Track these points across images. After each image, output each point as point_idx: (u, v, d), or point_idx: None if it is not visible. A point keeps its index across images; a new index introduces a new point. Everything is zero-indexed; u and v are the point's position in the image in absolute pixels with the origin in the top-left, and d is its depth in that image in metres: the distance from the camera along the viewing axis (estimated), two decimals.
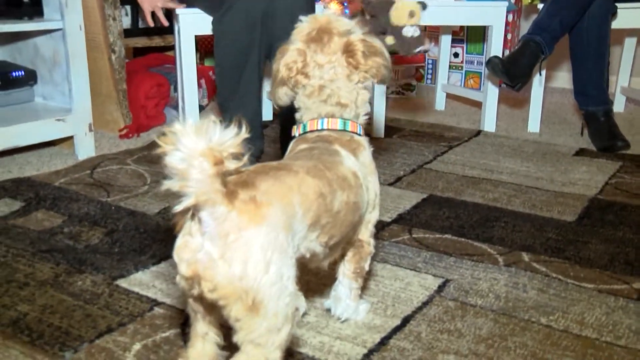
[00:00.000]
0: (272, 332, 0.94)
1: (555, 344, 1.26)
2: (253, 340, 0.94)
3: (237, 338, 0.95)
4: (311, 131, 1.23)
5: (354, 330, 1.29)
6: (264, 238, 0.91)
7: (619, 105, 3.26)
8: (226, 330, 1.02)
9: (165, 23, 2.50)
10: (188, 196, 0.85)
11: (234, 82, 2.15)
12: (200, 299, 0.96)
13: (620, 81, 3.25)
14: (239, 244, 0.90)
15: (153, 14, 2.46)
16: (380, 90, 2.73)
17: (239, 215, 0.90)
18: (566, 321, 1.33)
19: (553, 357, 1.22)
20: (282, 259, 0.93)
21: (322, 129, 1.22)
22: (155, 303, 1.39)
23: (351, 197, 1.13)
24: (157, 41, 3.09)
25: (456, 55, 3.71)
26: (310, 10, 2.27)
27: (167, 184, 0.85)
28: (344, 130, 1.23)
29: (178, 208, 0.86)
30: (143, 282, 1.48)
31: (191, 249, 0.92)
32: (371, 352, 1.21)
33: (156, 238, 1.71)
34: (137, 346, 1.23)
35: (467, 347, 1.24)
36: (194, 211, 0.90)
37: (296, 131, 1.26)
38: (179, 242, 0.94)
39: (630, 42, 3.17)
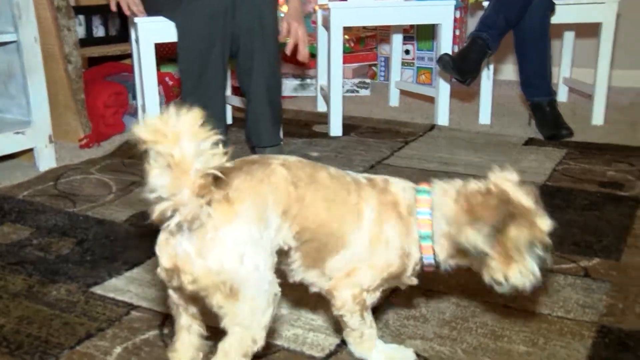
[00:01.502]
0: (255, 314, 1.03)
1: (513, 322, 1.35)
2: (239, 323, 1.03)
3: (224, 323, 1.04)
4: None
5: (326, 321, 1.36)
6: (236, 233, 1.00)
7: (562, 95, 3.42)
8: (209, 319, 1.07)
9: (113, 7, 2.48)
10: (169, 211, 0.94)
11: (198, 77, 2.19)
12: (181, 290, 1.05)
13: (562, 72, 3.41)
14: (214, 241, 0.98)
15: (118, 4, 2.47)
16: (336, 89, 2.81)
17: (210, 215, 0.97)
18: (522, 300, 1.43)
19: (511, 334, 1.31)
20: (256, 250, 1.02)
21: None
22: (132, 307, 1.43)
23: (334, 207, 1.12)
24: (112, 50, 3.10)
25: (407, 52, 3.82)
26: (274, 3, 2.33)
27: (157, 209, 0.94)
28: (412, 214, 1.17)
29: (154, 215, 0.94)
30: (118, 287, 1.52)
31: (171, 244, 1.00)
32: (343, 341, 1.28)
33: (127, 245, 1.75)
34: (117, 349, 1.27)
35: (432, 331, 1.33)
36: (176, 208, 0.95)
37: None
38: (161, 237, 1.02)
39: (569, 36, 3.33)
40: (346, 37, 3.63)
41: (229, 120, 3.00)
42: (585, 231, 1.80)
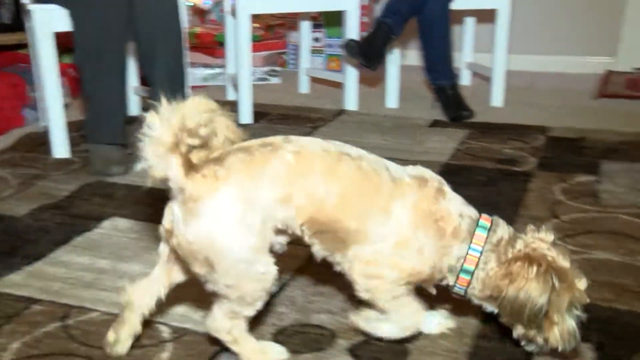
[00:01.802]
0: (232, 289, 1.09)
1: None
2: (219, 292, 1.10)
3: (207, 287, 1.11)
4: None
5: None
6: (215, 208, 1.05)
7: (465, 79, 3.56)
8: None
9: None
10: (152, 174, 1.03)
11: (94, 66, 2.12)
12: (175, 251, 1.13)
13: (464, 57, 3.54)
14: (192, 212, 1.05)
15: None
16: (245, 77, 2.80)
17: (194, 188, 1.04)
18: None
19: None
20: (236, 228, 1.06)
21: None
22: (32, 301, 1.39)
23: (352, 203, 1.11)
24: (6, 39, 2.95)
25: (317, 39, 3.85)
26: None
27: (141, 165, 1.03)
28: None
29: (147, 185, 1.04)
30: (16, 283, 1.47)
31: (171, 207, 1.09)
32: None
33: (27, 239, 1.69)
34: (15, 345, 1.23)
35: (339, 306, 1.36)
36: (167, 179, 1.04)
37: None
38: (169, 203, 1.10)
39: (470, 22, 3.47)
40: (255, 25, 3.62)
41: (137, 111, 2.93)
42: (485, 205, 1.86)
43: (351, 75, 3.00)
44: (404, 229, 1.12)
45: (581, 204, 1.90)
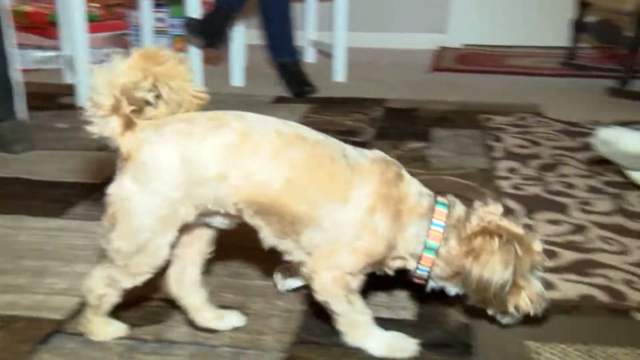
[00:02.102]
0: (121, 254, 1.08)
1: (255, 262, 1.45)
2: (108, 253, 1.09)
3: (101, 246, 1.10)
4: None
5: (69, 283, 1.34)
6: (131, 171, 1.05)
7: (309, 56, 3.66)
8: None
9: None
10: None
11: None
12: None
13: (307, 35, 3.63)
14: (122, 169, 1.06)
15: None
16: (82, 59, 2.68)
17: (124, 146, 1.05)
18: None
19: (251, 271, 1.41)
20: (151, 194, 1.04)
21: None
22: None
23: (301, 188, 1.06)
24: None
25: (161, 20, 3.76)
26: None
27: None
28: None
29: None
30: None
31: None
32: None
33: None
34: None
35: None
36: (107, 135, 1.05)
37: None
38: None
39: (311, 0, 3.56)
40: (93, 4, 3.46)
41: None
42: None
43: (195, 55, 2.97)
44: (362, 214, 1.07)
45: (412, 168, 2.02)
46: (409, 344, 1.14)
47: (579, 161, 2.10)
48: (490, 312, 1.17)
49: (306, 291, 1.32)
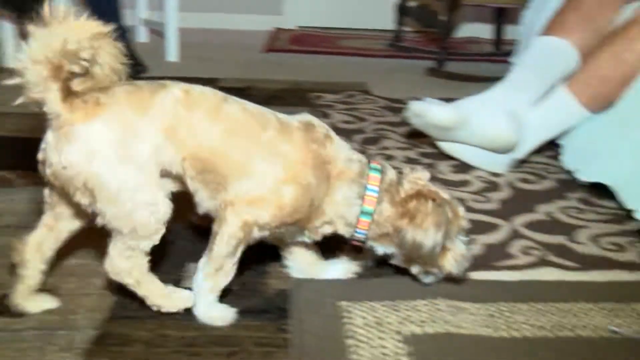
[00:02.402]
0: (121, 220, 1.06)
1: None
2: (110, 226, 1.07)
3: (101, 224, 1.07)
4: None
5: None
6: (91, 132, 1.02)
7: (141, 35, 3.54)
8: None
9: None
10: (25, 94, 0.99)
11: None
12: (52, 185, 1.08)
13: (139, 14, 3.51)
14: (67, 136, 1.02)
15: None
16: None
17: (71, 112, 1.01)
18: None
19: None
20: (115, 153, 1.03)
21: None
22: None
23: (237, 138, 1.11)
24: None
25: None
26: None
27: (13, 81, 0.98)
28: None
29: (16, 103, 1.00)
30: None
31: (45, 138, 1.05)
32: None
33: None
34: None
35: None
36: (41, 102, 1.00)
37: None
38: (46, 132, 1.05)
39: None
40: None
41: None
42: None
43: (6, 30, 2.75)
44: (292, 167, 1.12)
45: None
46: (227, 312, 1.17)
47: (399, 134, 2.23)
48: (414, 271, 1.26)
49: None
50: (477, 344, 1.13)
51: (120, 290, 1.20)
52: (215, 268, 1.13)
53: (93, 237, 1.13)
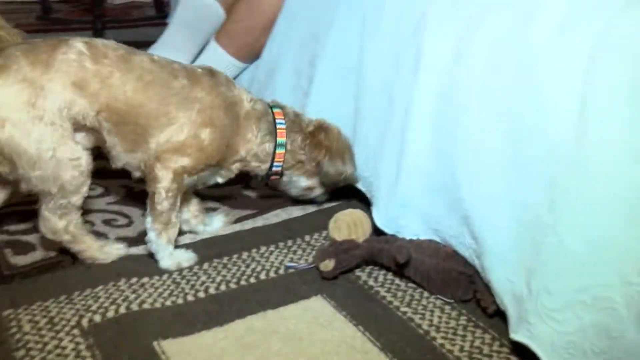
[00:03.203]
0: (48, 181, 1.08)
1: None
2: (37, 189, 1.10)
3: (22, 189, 1.12)
4: None
5: None
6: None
7: None
8: None
9: None
10: None
11: None
12: None
13: None
14: None
15: None
16: None
17: None
18: None
19: None
20: (24, 114, 1.04)
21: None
22: None
23: (152, 88, 1.14)
24: None
25: None
26: None
27: None
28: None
29: None
30: None
31: None
32: None
33: None
34: None
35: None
36: None
37: None
38: None
39: None
40: None
41: None
42: None
43: None
44: (207, 110, 1.18)
45: None
46: (189, 254, 1.26)
47: None
48: (315, 194, 1.41)
49: None
50: (162, 315, 1.09)
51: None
52: (163, 223, 1.20)
53: None
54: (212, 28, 1.78)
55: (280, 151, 1.29)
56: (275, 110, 1.31)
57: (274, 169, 1.31)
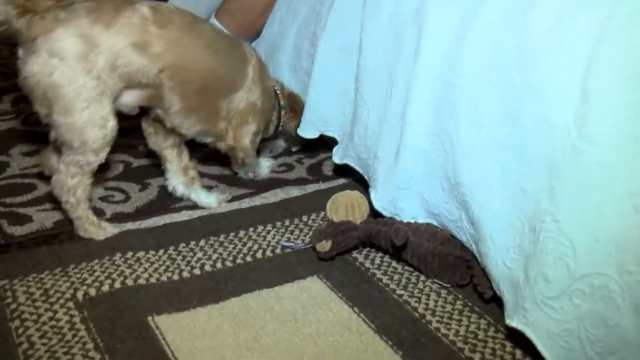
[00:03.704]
0: (74, 132, 1.12)
1: None
2: (62, 138, 1.14)
3: (50, 136, 1.17)
4: None
5: None
6: (51, 45, 1.08)
7: None
8: None
9: None
10: None
11: None
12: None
13: None
14: (31, 49, 1.08)
15: None
16: None
17: (29, 29, 1.07)
18: None
19: None
20: (74, 65, 1.09)
21: None
22: None
23: (220, 55, 1.29)
24: None
25: None
26: None
27: None
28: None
29: None
30: None
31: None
32: None
33: None
34: None
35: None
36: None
37: None
38: None
39: None
40: None
41: None
42: None
43: None
44: (256, 76, 1.35)
45: None
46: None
47: None
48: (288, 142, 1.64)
49: None
50: (157, 290, 1.09)
51: None
52: (251, 163, 1.46)
53: None
54: (212, 5, 1.75)
55: (283, 112, 1.50)
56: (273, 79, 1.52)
57: (281, 127, 1.52)
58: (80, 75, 1.10)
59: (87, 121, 1.12)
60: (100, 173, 1.46)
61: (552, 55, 0.94)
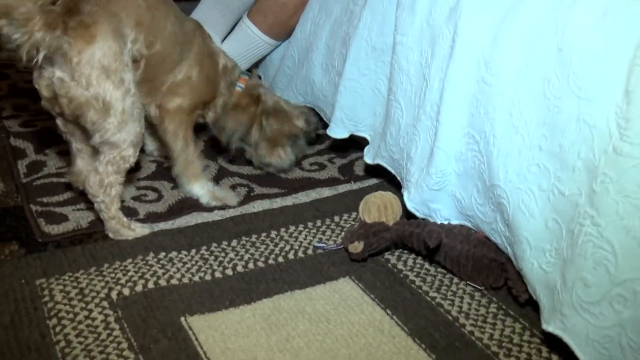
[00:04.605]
0: (122, 129, 1.14)
1: None
2: (108, 139, 1.15)
3: (94, 141, 1.16)
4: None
5: None
6: (99, 53, 1.09)
7: None
8: None
9: None
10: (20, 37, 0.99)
11: None
12: (63, 115, 1.17)
13: None
14: (80, 64, 1.08)
15: None
16: None
17: (74, 41, 1.07)
18: None
19: None
20: (120, 65, 1.12)
21: None
22: None
23: (180, 26, 1.31)
24: None
25: None
26: None
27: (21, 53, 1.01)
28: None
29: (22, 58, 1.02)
30: None
31: (45, 76, 1.11)
32: None
33: None
34: None
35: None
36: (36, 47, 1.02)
37: None
38: (35, 74, 1.12)
39: None
40: None
41: None
42: None
43: None
44: (201, 57, 1.36)
45: None
46: (232, 195, 1.40)
47: None
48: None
49: None
50: (189, 291, 1.10)
51: None
52: (184, 161, 1.38)
53: None
54: (244, 5, 1.75)
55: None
56: (243, 76, 1.49)
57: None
58: (124, 71, 1.13)
59: (132, 116, 1.16)
60: (133, 173, 1.48)
61: (594, 55, 0.91)
